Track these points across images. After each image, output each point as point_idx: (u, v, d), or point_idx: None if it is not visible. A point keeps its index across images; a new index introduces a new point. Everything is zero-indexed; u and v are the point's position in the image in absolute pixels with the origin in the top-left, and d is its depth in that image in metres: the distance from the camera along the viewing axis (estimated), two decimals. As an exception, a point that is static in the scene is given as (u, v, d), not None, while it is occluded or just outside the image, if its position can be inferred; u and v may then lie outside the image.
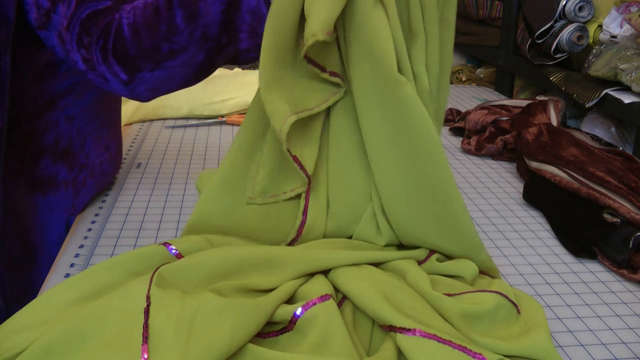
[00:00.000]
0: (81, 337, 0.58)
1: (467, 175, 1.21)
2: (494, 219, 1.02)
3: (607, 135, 1.52)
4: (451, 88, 1.93)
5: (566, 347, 0.69)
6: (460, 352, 0.60)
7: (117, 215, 0.98)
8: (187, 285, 0.65)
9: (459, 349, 0.60)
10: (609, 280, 0.84)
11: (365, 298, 0.66)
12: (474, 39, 2.25)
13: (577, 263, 0.88)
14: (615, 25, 1.51)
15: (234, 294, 0.65)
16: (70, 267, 0.82)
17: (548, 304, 0.78)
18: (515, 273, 0.85)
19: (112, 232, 0.92)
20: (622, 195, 0.92)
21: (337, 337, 0.61)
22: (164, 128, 1.43)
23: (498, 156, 1.30)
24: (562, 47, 1.62)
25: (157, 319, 0.59)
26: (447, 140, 1.42)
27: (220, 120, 1.49)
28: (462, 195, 1.11)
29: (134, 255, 0.70)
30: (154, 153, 1.27)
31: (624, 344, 0.70)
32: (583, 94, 1.48)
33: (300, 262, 0.70)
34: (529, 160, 1.13)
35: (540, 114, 1.25)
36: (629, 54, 1.40)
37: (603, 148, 1.13)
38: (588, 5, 1.61)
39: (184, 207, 1.02)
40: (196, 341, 0.57)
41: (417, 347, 0.60)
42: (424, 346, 0.60)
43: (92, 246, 0.88)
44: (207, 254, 0.70)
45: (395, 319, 0.63)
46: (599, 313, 0.76)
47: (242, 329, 0.59)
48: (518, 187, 1.14)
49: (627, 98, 1.38)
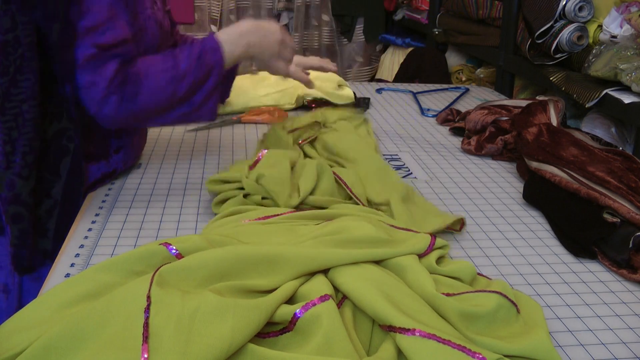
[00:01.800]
0: (81, 337, 0.58)
1: (467, 175, 1.21)
2: (494, 219, 1.02)
3: (607, 135, 1.52)
4: (452, 90, 1.93)
5: (566, 347, 0.69)
6: (459, 351, 0.60)
7: (117, 215, 0.98)
8: (187, 285, 0.65)
9: (459, 348, 0.60)
10: (609, 280, 0.84)
11: (365, 298, 0.66)
12: (474, 39, 2.24)
13: (577, 263, 0.88)
14: (615, 25, 1.51)
15: (234, 294, 0.65)
16: (70, 267, 0.82)
17: (548, 304, 0.78)
18: (515, 273, 0.85)
19: (112, 232, 0.92)
20: (622, 195, 0.92)
21: (338, 337, 0.61)
22: (163, 128, 1.43)
23: (498, 156, 1.30)
24: (562, 47, 1.62)
25: (158, 319, 0.59)
26: (447, 140, 1.42)
27: (235, 120, 1.49)
28: (462, 195, 1.11)
29: (134, 254, 0.70)
30: (154, 153, 1.27)
31: (624, 343, 0.70)
32: (583, 94, 1.48)
33: (300, 262, 0.70)
34: (529, 160, 1.13)
35: (540, 114, 1.25)
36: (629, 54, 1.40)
37: (603, 148, 1.13)
38: (588, 5, 1.61)
39: (184, 207, 1.02)
40: (196, 341, 0.57)
41: (417, 347, 0.60)
42: (423, 346, 0.60)
43: (92, 246, 0.88)
44: (207, 254, 0.70)
45: (394, 319, 0.63)
46: (599, 313, 0.76)
47: (242, 329, 0.59)
48: (518, 187, 1.14)
49: (627, 98, 1.38)
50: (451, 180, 1.17)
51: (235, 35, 1.03)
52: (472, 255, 0.89)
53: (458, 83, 2.37)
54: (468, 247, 0.92)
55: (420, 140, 1.41)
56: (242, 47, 1.03)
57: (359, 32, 3.32)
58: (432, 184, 1.15)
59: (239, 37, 1.03)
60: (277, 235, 0.80)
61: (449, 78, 2.47)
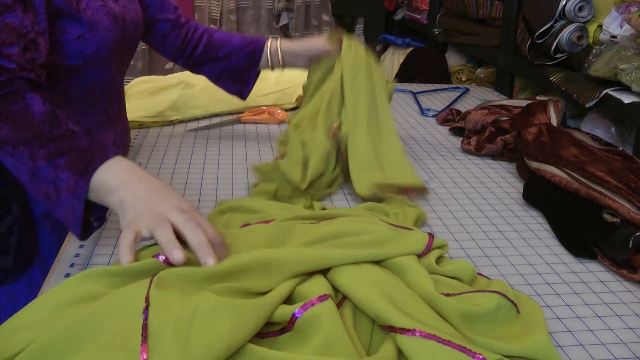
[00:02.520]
0: (80, 338, 0.58)
1: (467, 175, 1.21)
2: (494, 219, 1.02)
3: (607, 135, 1.52)
4: (452, 90, 1.93)
5: (566, 347, 0.69)
6: (460, 352, 0.60)
7: (117, 215, 0.97)
8: (186, 286, 0.65)
9: (459, 349, 0.60)
10: (609, 280, 0.84)
11: (365, 298, 0.66)
12: (474, 39, 2.25)
13: (577, 263, 0.88)
14: (615, 25, 1.51)
15: (233, 295, 0.65)
16: (70, 267, 0.82)
17: (548, 304, 0.77)
18: (515, 273, 0.85)
19: (112, 232, 0.92)
20: (621, 195, 0.92)
21: (337, 337, 0.61)
22: (163, 128, 1.43)
23: (498, 156, 1.30)
24: (562, 47, 1.62)
25: (156, 319, 0.59)
26: (447, 140, 1.42)
27: (235, 119, 1.49)
28: (462, 195, 1.11)
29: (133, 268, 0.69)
30: (154, 153, 1.27)
31: (624, 344, 0.70)
32: (583, 94, 1.48)
33: (299, 262, 0.70)
34: (529, 160, 1.13)
35: (540, 114, 1.25)
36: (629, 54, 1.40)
37: (603, 148, 1.13)
38: (588, 5, 1.61)
39: (184, 207, 1.01)
40: (195, 341, 0.57)
41: (417, 347, 0.60)
42: (424, 346, 0.60)
43: (92, 246, 0.88)
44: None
45: (395, 319, 0.63)
46: (599, 313, 0.76)
47: (242, 329, 0.59)
48: (518, 187, 1.14)
49: (627, 98, 1.38)
50: (451, 180, 1.17)
51: (128, 193, 0.76)
52: (472, 255, 0.89)
53: (458, 83, 2.37)
54: (468, 247, 0.92)
55: (420, 140, 1.41)
56: (118, 205, 0.76)
57: (359, 32, 3.32)
58: (432, 184, 1.15)
59: (132, 198, 0.75)
60: (276, 235, 0.80)
61: (449, 78, 2.47)
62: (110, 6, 0.97)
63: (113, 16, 0.97)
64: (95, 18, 0.93)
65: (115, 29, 0.97)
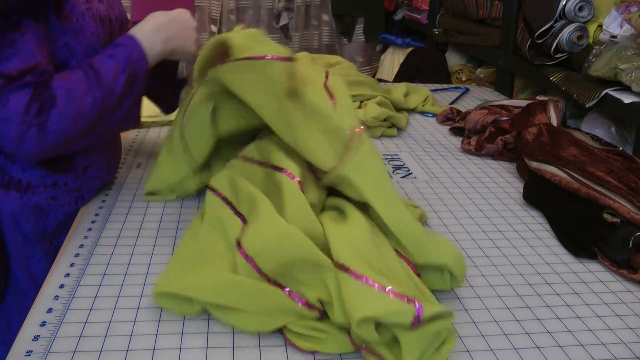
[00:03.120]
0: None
1: (467, 175, 1.21)
2: (494, 219, 1.02)
3: (607, 135, 1.52)
4: (452, 90, 1.92)
5: (566, 347, 0.69)
6: (397, 299, 0.64)
7: (117, 215, 0.98)
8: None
9: (399, 296, 0.65)
10: (609, 280, 0.84)
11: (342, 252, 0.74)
12: (474, 39, 2.24)
13: (577, 263, 0.88)
14: (615, 25, 1.51)
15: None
16: (70, 266, 0.82)
17: (548, 304, 0.78)
18: (515, 273, 0.85)
19: (112, 232, 0.92)
20: (622, 195, 0.92)
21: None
22: (163, 128, 1.43)
23: (498, 156, 1.30)
24: (562, 47, 1.62)
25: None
26: (447, 140, 1.42)
27: None
28: (462, 195, 1.11)
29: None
30: (154, 153, 1.27)
31: (624, 343, 0.70)
32: (583, 94, 1.48)
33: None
34: (529, 160, 1.13)
35: (540, 114, 1.25)
36: (629, 54, 1.40)
37: (603, 148, 1.13)
38: (588, 5, 1.61)
39: (184, 206, 1.01)
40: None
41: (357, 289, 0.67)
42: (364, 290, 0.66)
43: (92, 246, 0.88)
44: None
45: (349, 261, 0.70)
46: (599, 313, 0.76)
47: None
48: (518, 187, 1.14)
49: (627, 98, 1.38)
50: (451, 180, 1.17)
51: (152, 32, 0.97)
52: (472, 255, 0.89)
53: (458, 83, 2.37)
54: (468, 247, 0.92)
55: (420, 140, 1.41)
56: (161, 43, 0.97)
57: (359, 32, 3.32)
58: (432, 184, 1.15)
59: (155, 34, 0.97)
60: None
61: (449, 78, 2.47)
62: (96, 7, 0.95)
63: (100, 19, 0.94)
64: (80, 24, 0.90)
65: (102, 32, 0.94)
